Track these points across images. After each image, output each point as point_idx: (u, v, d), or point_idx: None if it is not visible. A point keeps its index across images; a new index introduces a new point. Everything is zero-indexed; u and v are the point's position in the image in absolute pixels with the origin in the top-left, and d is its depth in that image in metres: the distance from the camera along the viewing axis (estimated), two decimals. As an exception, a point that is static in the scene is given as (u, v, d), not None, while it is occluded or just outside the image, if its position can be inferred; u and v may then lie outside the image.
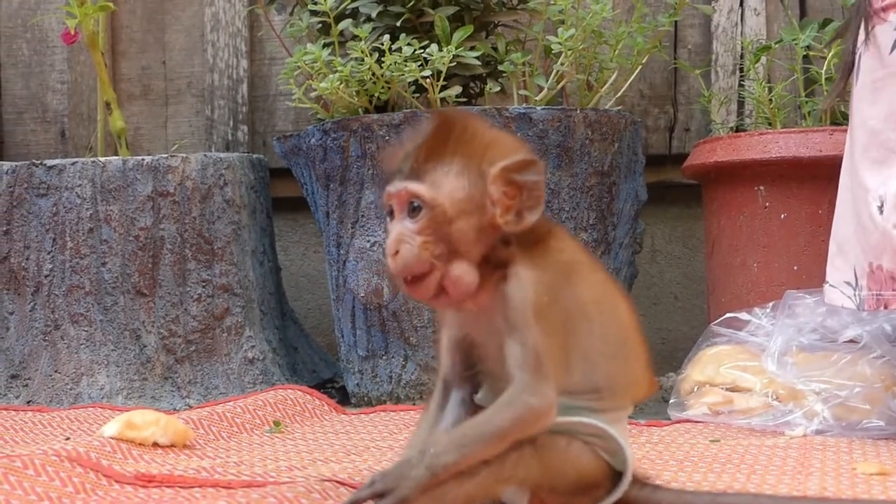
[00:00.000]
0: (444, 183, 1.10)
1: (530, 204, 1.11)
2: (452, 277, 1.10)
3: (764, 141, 2.24)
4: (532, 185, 1.11)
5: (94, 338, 2.33)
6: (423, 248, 1.09)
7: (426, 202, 1.09)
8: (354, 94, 2.24)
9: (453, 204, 1.09)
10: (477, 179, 1.10)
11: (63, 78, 3.10)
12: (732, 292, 2.30)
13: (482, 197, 1.10)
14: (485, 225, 1.10)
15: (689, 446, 1.70)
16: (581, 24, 2.26)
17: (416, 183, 1.10)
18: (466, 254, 1.10)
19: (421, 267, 1.09)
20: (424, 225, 1.09)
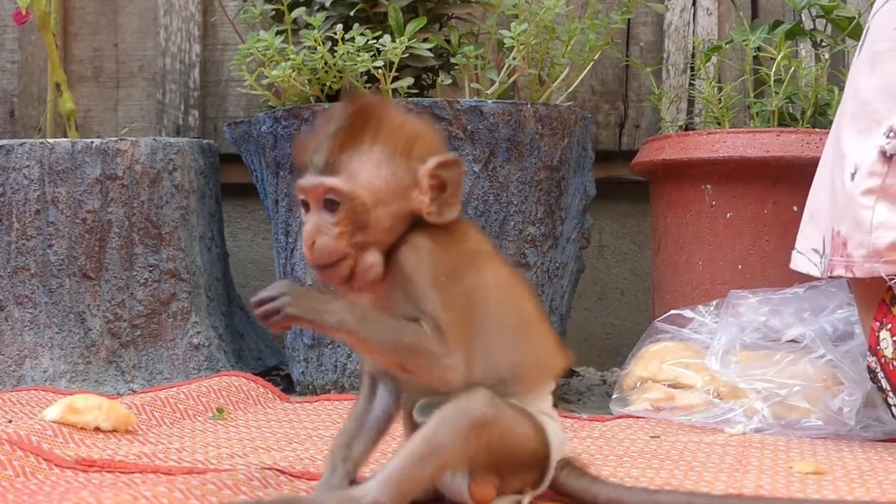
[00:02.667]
0: (362, 172, 1.11)
1: (452, 201, 1.14)
2: (364, 265, 1.11)
3: (712, 140, 2.26)
4: (455, 183, 1.13)
5: (38, 320, 2.32)
6: (340, 238, 1.11)
7: (344, 196, 1.10)
8: (306, 83, 2.24)
9: (372, 193, 1.11)
10: (399, 169, 1.12)
11: (13, 58, 3.08)
12: (677, 289, 2.31)
13: (403, 186, 1.12)
14: (402, 213, 1.12)
15: (629, 442, 1.71)
16: (534, 19, 2.26)
17: (331, 177, 1.11)
18: (379, 242, 1.12)
19: (337, 257, 1.11)
20: (343, 217, 1.11)
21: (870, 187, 1.66)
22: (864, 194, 1.66)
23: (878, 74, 1.71)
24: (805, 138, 2.21)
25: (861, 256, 1.67)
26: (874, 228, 1.65)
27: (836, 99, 2.31)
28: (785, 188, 2.22)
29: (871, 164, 1.66)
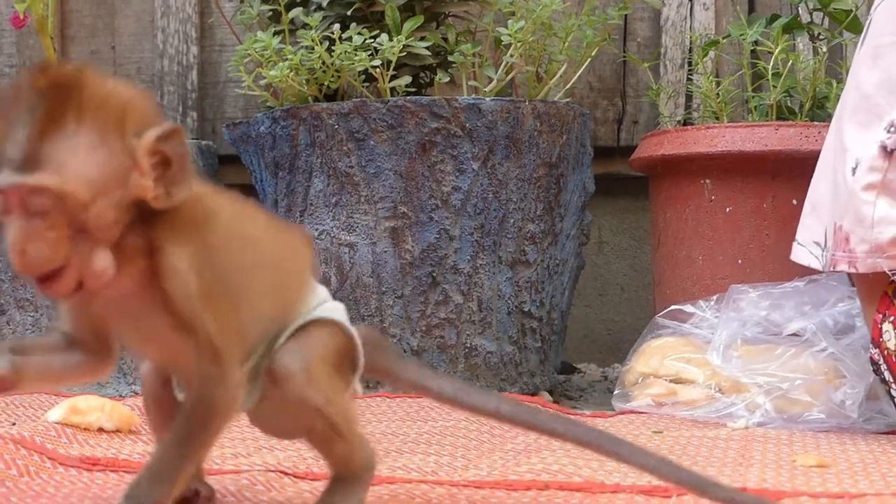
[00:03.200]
0: (72, 163, 0.90)
1: (180, 177, 0.95)
2: (93, 272, 0.93)
3: (710, 135, 2.26)
4: (180, 156, 0.94)
5: (39, 323, 2.32)
6: (56, 244, 0.90)
7: (54, 195, 0.89)
8: (304, 83, 2.24)
9: (87, 186, 0.90)
10: (114, 150, 0.92)
11: (11, 62, 3.08)
12: (677, 285, 2.32)
13: (121, 170, 0.92)
14: (125, 202, 0.93)
15: (632, 437, 1.71)
16: (531, 16, 2.27)
17: (34, 174, 0.89)
18: (104, 239, 0.92)
19: (57, 264, 0.91)
20: (55, 220, 0.90)
21: (871, 182, 1.66)
22: (865, 189, 1.66)
23: (880, 68, 1.71)
24: (804, 132, 2.21)
25: (863, 252, 1.67)
26: (875, 224, 1.65)
27: (835, 92, 2.31)
28: (784, 182, 2.22)
29: (872, 158, 1.66)
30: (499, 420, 1.17)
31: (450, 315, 2.16)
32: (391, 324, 2.16)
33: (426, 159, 2.15)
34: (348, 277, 2.18)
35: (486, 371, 2.18)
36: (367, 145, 2.15)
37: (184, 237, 0.97)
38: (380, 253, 2.16)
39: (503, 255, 2.18)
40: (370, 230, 2.17)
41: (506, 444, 1.64)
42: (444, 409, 1.93)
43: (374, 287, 2.17)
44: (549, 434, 1.15)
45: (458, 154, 2.15)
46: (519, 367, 2.21)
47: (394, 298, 2.16)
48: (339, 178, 2.18)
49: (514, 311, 2.20)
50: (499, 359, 2.19)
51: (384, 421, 1.83)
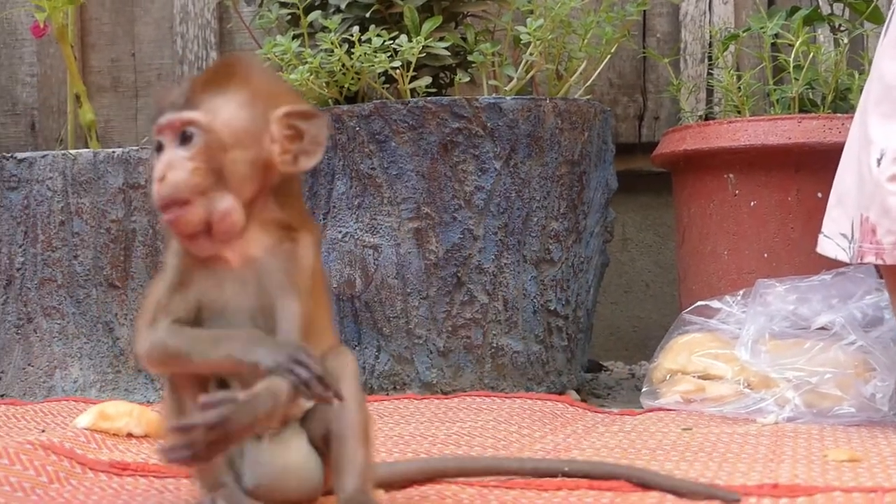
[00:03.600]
0: (223, 110, 1.06)
1: (309, 151, 1.09)
2: (220, 210, 1.05)
3: (732, 129, 2.25)
4: (314, 134, 1.09)
5: (66, 331, 2.33)
6: (193, 173, 1.04)
7: (201, 127, 1.05)
8: (324, 86, 2.24)
9: (231, 132, 1.06)
10: (259, 115, 1.07)
11: (33, 71, 3.09)
12: (703, 280, 2.31)
13: (261, 133, 1.07)
14: (259, 161, 1.07)
15: (661, 435, 1.71)
16: (549, 14, 2.26)
17: (190, 111, 1.06)
18: (236, 189, 1.06)
19: (189, 192, 1.04)
20: (198, 151, 1.05)
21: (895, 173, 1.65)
22: (891, 180, 1.65)
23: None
24: (827, 124, 2.20)
25: (891, 243, 1.66)
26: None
27: (857, 83, 2.30)
28: (808, 175, 2.21)
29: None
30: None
31: (475, 315, 2.16)
32: (417, 325, 2.16)
33: (448, 159, 2.14)
34: (373, 279, 2.18)
35: (512, 371, 2.17)
36: (389, 147, 2.15)
37: (309, 226, 1.11)
38: (404, 254, 2.16)
39: (527, 253, 2.18)
40: (394, 231, 2.16)
41: (535, 444, 1.63)
42: (473, 410, 1.93)
43: (399, 288, 2.17)
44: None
45: (480, 154, 2.15)
46: (546, 366, 2.21)
47: (419, 299, 2.16)
48: (361, 180, 2.18)
49: (539, 309, 2.19)
50: (525, 358, 2.18)
51: (412, 423, 1.83)
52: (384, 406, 2.02)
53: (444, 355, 2.16)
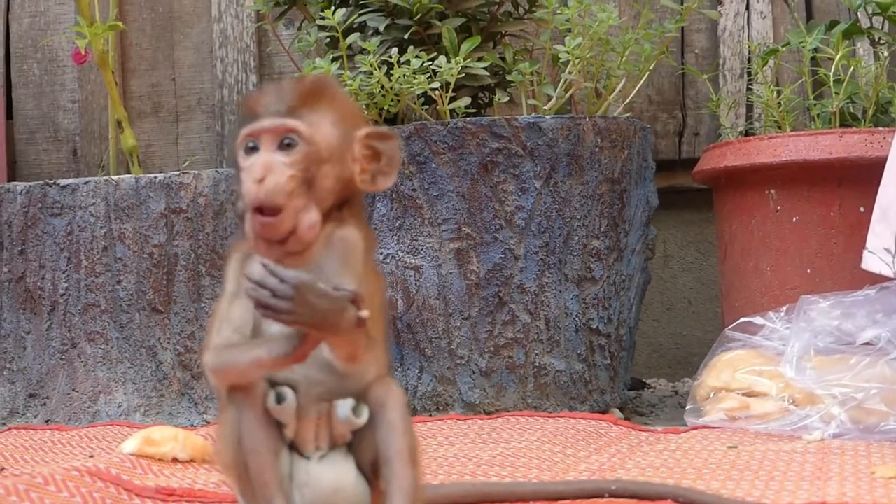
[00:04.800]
0: (321, 125, 1.09)
1: (385, 171, 1.12)
2: (306, 221, 1.07)
3: (773, 144, 2.24)
4: (390, 155, 1.12)
5: (110, 356, 2.34)
6: (291, 179, 1.06)
7: (304, 138, 1.08)
8: (364, 108, 2.25)
9: (326, 146, 1.09)
10: (346, 134, 1.10)
11: (74, 97, 3.12)
12: (746, 297, 2.30)
13: (347, 151, 1.10)
14: (343, 178, 1.10)
15: (706, 453, 1.70)
16: (588, 33, 2.26)
17: (293, 119, 1.08)
18: (320, 202, 1.08)
19: (284, 197, 1.06)
20: (297, 159, 1.07)
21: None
22: None
23: None
24: (868, 138, 2.19)
25: None
26: None
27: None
28: (850, 189, 2.20)
29: None
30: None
31: (517, 335, 2.16)
32: (459, 345, 2.16)
33: (488, 179, 2.14)
34: (415, 300, 2.18)
35: (555, 390, 2.17)
36: (429, 168, 2.16)
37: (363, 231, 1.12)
38: (445, 275, 2.16)
39: (569, 272, 2.18)
40: (435, 252, 2.17)
41: (579, 464, 1.63)
42: (517, 431, 1.93)
43: (441, 309, 2.17)
44: None
45: (520, 173, 2.15)
46: (589, 384, 2.20)
47: (461, 320, 2.16)
48: (402, 202, 2.18)
49: (581, 328, 2.19)
50: (568, 377, 2.18)
51: (456, 444, 1.83)
52: (427, 427, 2.02)
53: (487, 375, 2.16)
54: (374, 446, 1.10)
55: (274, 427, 1.09)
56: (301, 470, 1.11)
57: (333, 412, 1.10)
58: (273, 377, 1.10)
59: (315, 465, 1.11)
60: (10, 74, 3.16)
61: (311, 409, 1.10)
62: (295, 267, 1.08)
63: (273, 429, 1.09)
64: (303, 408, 1.09)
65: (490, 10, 2.42)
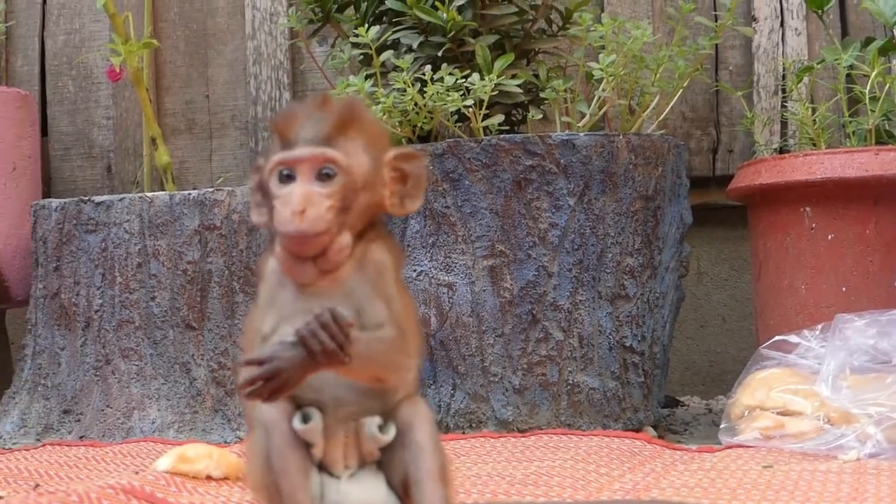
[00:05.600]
0: (356, 153, 1.09)
1: (413, 193, 1.13)
2: (338, 242, 1.08)
3: (809, 162, 2.24)
4: (417, 176, 1.13)
5: (144, 372, 2.35)
6: (330, 210, 1.07)
7: (342, 168, 1.08)
8: (397, 125, 2.25)
9: (361, 175, 1.09)
10: (376, 159, 1.11)
11: (108, 114, 3.13)
12: (781, 314, 2.29)
13: (376, 177, 1.11)
14: (374, 204, 1.11)
15: (741, 472, 1.69)
16: (622, 50, 2.26)
17: (331, 150, 1.08)
18: (353, 226, 1.09)
19: (324, 229, 1.07)
20: (336, 190, 1.08)
21: None
22: None
23: None
24: (904, 155, 2.18)
25: None
26: None
27: (934, 114, 2.28)
28: (886, 207, 2.19)
29: None
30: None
31: (551, 352, 2.15)
32: (492, 363, 2.16)
33: (522, 197, 2.14)
34: (448, 318, 2.18)
35: (589, 408, 2.16)
36: (463, 185, 2.16)
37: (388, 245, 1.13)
38: (479, 292, 2.16)
39: (602, 290, 2.17)
40: (468, 269, 2.17)
41: (613, 483, 1.62)
42: (550, 449, 1.92)
43: (474, 326, 2.16)
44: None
45: (553, 190, 2.14)
46: (622, 402, 2.19)
47: (494, 337, 2.16)
48: (435, 219, 2.18)
49: (615, 346, 2.18)
50: (602, 395, 2.17)
51: (489, 462, 1.82)
52: (461, 445, 2.02)
53: (520, 393, 2.15)
54: (403, 464, 1.10)
55: (302, 447, 1.09)
56: (331, 489, 1.11)
57: (361, 430, 1.10)
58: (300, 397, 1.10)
59: (345, 484, 1.11)
60: (46, 91, 3.18)
61: (338, 428, 1.10)
62: (326, 288, 1.09)
63: (302, 449, 1.09)
64: (330, 427, 1.10)
65: (524, 27, 2.42)
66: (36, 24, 3.19)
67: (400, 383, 1.10)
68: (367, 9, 2.43)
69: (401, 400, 1.11)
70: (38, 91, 3.16)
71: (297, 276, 1.09)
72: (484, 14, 2.34)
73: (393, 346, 1.08)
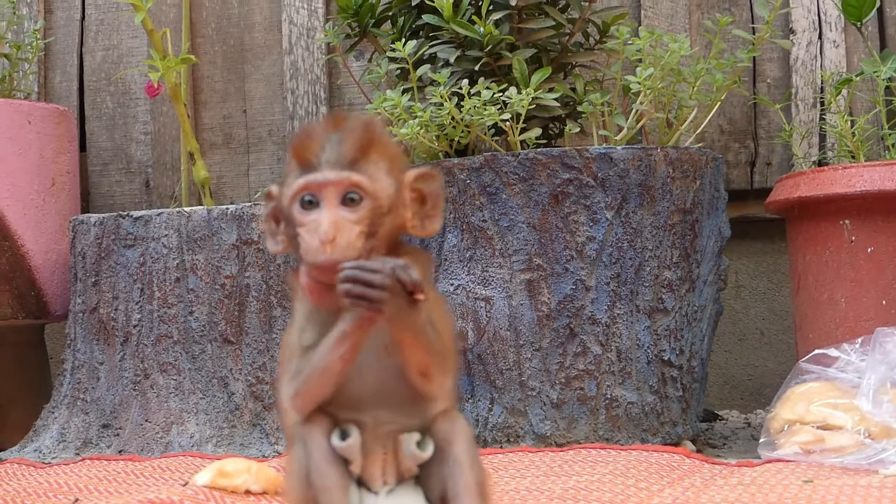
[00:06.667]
0: (380, 177, 1.08)
1: (432, 214, 1.12)
2: None
3: (848, 175, 2.22)
4: (435, 196, 1.12)
5: (182, 386, 2.35)
6: (359, 237, 1.06)
7: (368, 193, 1.07)
8: (435, 139, 2.25)
9: (386, 198, 1.08)
10: (398, 181, 1.10)
11: (146, 129, 3.15)
12: (820, 328, 2.27)
13: (400, 198, 1.10)
14: (396, 225, 1.10)
15: (781, 487, 1.68)
16: (659, 63, 2.25)
17: (356, 174, 1.07)
18: (378, 248, 1.08)
19: (354, 255, 1.06)
20: (363, 216, 1.07)
21: None
22: None
23: None
24: (944, 168, 2.16)
25: None
26: None
27: (975, 126, 2.27)
28: (927, 219, 2.18)
29: None
30: None
31: (589, 366, 2.15)
32: (530, 377, 2.15)
33: (559, 210, 2.14)
34: (485, 332, 2.17)
35: (627, 422, 2.15)
36: (500, 199, 2.16)
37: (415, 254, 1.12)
38: (516, 306, 2.16)
39: (640, 303, 2.16)
40: (506, 283, 2.16)
41: (652, 498, 1.62)
42: (588, 463, 1.92)
43: (512, 340, 2.16)
44: None
45: (591, 204, 2.14)
46: (661, 416, 2.19)
47: (532, 351, 2.15)
48: (472, 233, 2.18)
49: (653, 360, 2.17)
50: (640, 409, 2.16)
51: (528, 477, 1.82)
52: (499, 459, 2.01)
53: (558, 407, 2.15)
54: (442, 480, 1.10)
55: (341, 463, 1.09)
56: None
57: (399, 447, 1.10)
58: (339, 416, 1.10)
59: (383, 500, 1.11)
60: (84, 107, 3.20)
61: (376, 445, 1.10)
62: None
63: (340, 465, 1.09)
64: (368, 444, 1.10)
65: (561, 40, 2.42)
66: (74, 41, 3.21)
67: (439, 390, 1.10)
68: (404, 23, 2.44)
69: (438, 415, 1.11)
70: (77, 107, 3.18)
71: (326, 304, 1.09)
72: (521, 28, 2.34)
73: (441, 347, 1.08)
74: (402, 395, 1.10)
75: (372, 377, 1.09)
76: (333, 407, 1.10)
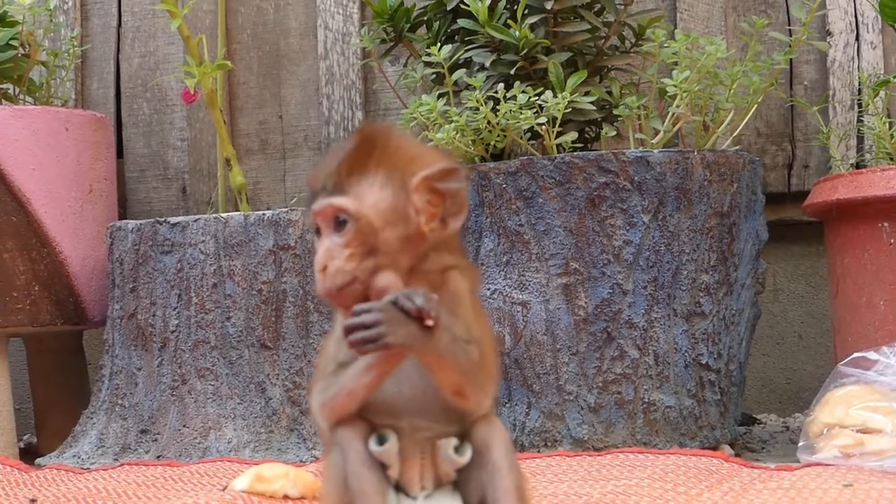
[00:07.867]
0: (369, 195, 1.08)
1: (454, 211, 1.10)
2: (378, 287, 1.07)
3: (887, 177, 2.21)
4: (454, 192, 1.10)
5: (220, 392, 2.36)
6: (350, 259, 1.06)
7: (351, 215, 1.07)
8: (471, 143, 2.25)
9: (378, 215, 1.07)
10: (400, 190, 1.08)
11: (183, 135, 3.16)
12: (859, 331, 2.26)
13: (406, 207, 1.08)
14: (411, 234, 1.08)
15: (821, 491, 1.67)
16: (695, 66, 2.25)
17: (339, 197, 1.08)
18: (393, 264, 1.07)
19: (348, 278, 1.07)
20: (351, 238, 1.07)
21: None
22: None
23: None
24: (984, 169, 2.15)
25: None
26: None
27: None
28: (966, 221, 2.16)
29: None
30: None
31: (626, 370, 2.14)
32: (567, 381, 2.15)
33: (596, 214, 2.14)
34: (522, 336, 2.17)
35: (665, 426, 2.15)
36: (536, 203, 2.15)
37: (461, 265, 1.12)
38: (553, 310, 2.15)
39: (678, 307, 2.16)
40: (542, 288, 2.16)
41: (691, 502, 1.61)
42: (627, 467, 1.91)
43: (549, 345, 2.16)
44: None
45: (627, 207, 2.13)
46: (699, 420, 2.18)
47: (569, 355, 2.15)
48: (509, 237, 2.18)
49: (691, 363, 2.17)
50: (678, 413, 2.16)
51: (565, 481, 1.81)
52: (536, 463, 2.01)
53: (595, 411, 2.14)
54: (480, 485, 1.10)
55: (379, 468, 1.09)
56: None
57: (437, 452, 1.10)
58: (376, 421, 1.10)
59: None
60: (121, 114, 3.21)
61: (414, 450, 1.11)
62: None
63: (378, 470, 1.09)
64: (406, 449, 1.10)
65: (596, 44, 2.42)
66: (111, 48, 3.22)
67: (477, 406, 1.10)
68: (440, 28, 2.44)
69: (477, 420, 1.11)
70: (114, 113, 3.19)
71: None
72: (556, 31, 2.34)
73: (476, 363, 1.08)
74: (439, 404, 1.10)
75: (408, 387, 1.09)
76: (370, 413, 1.10)
